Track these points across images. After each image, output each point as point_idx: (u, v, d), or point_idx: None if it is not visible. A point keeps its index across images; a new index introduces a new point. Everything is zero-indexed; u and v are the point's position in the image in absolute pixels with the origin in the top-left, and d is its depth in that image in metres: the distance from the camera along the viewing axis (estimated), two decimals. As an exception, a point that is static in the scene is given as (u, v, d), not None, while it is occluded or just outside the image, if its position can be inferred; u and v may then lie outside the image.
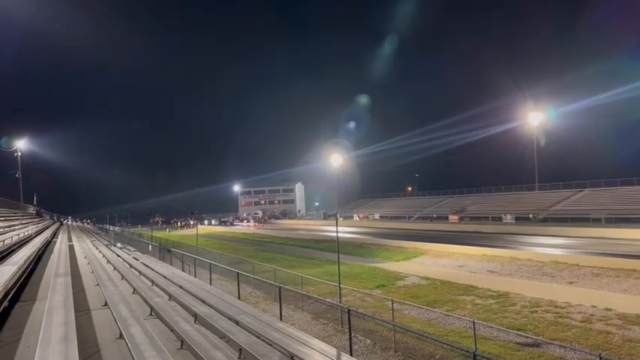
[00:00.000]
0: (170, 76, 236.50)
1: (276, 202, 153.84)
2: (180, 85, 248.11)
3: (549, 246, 38.99)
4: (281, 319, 16.34)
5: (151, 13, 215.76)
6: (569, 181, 68.70)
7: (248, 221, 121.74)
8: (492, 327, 17.39)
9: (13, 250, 19.13)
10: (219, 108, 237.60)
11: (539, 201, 67.80)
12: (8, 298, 10.73)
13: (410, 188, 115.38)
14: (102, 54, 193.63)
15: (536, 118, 74.59)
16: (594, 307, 20.25)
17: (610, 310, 19.65)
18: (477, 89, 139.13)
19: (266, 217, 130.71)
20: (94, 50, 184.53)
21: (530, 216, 62.42)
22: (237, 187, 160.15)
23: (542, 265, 29.96)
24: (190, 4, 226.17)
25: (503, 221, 64.33)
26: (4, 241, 18.88)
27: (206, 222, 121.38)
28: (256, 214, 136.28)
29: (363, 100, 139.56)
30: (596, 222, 52.01)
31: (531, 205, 67.09)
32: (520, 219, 62.72)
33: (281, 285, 19.40)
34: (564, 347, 15.06)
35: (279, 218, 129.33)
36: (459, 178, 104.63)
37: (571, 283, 25.77)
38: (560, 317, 19.28)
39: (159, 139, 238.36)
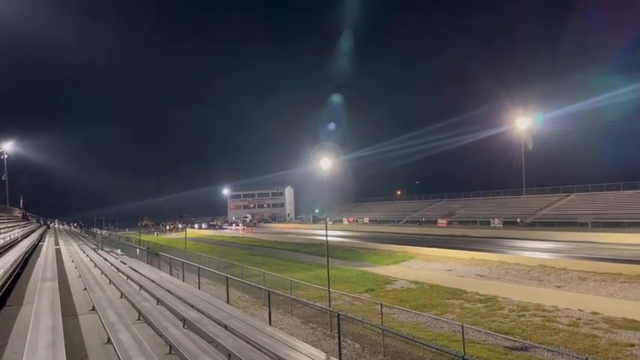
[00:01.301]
0: (160, 79, 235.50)
1: (265, 205, 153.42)
2: (170, 89, 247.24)
3: (537, 250, 39.30)
4: (270, 324, 16.31)
5: (139, 16, 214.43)
6: (556, 185, 69.34)
7: (237, 225, 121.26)
8: (481, 331, 17.51)
9: (-1, 253, 18.91)
10: (209, 111, 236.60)
11: (526, 205, 68.34)
12: (-6, 303, 10.61)
13: (399, 192, 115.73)
14: (90, 56, 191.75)
15: (523, 122, 75.27)
16: (581, 310, 20.45)
17: (597, 313, 19.87)
18: (465, 94, 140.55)
19: (255, 221, 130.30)
20: (82, 52, 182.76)
21: (518, 220, 62.91)
22: (226, 191, 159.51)
23: (530, 269, 30.20)
24: (178, 10, 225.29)
25: (492, 225, 64.74)
26: (-11, 244, 18.65)
27: (196, 225, 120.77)
28: (245, 217, 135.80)
29: (352, 104, 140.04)
30: (583, 226, 52.53)
31: (519, 209, 67.61)
32: (508, 223, 63.19)
33: (270, 289, 19.35)
34: (552, 351, 15.22)
35: (269, 222, 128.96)
36: (448, 182, 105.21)
37: (558, 287, 26.01)
38: (547, 321, 19.45)
39: (147, 142, 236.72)
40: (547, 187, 70.70)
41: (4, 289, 12.45)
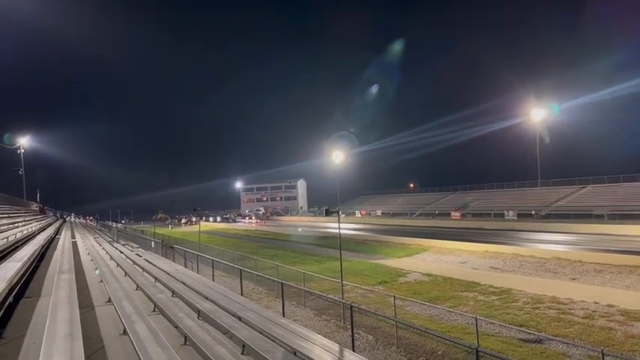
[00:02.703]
0: (173, 73, 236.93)
1: (278, 198, 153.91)
2: (184, 82, 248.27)
3: (552, 242, 38.93)
4: (283, 316, 16.41)
5: (154, 13, 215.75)
6: (572, 177, 68.44)
7: (250, 218, 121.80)
8: (495, 323, 17.45)
9: (17, 246, 19.22)
10: (223, 104, 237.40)
11: (541, 197, 67.63)
12: (13, 294, 10.79)
13: (412, 185, 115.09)
14: (105, 51, 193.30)
15: (538, 113, 74.34)
16: (597, 303, 20.27)
17: (612, 306, 19.67)
18: (479, 85, 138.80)
19: (268, 214, 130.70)
20: (97, 47, 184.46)
21: (533, 212, 62.28)
22: (239, 184, 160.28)
23: (545, 261, 29.96)
24: (191, 4, 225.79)
25: (506, 218, 64.18)
26: (7, 237, 18.95)
27: (211, 219, 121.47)
28: (258, 210, 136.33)
29: (367, 96, 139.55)
30: (599, 218, 51.84)
31: (534, 201, 66.94)
32: (522, 215, 62.56)
33: (283, 281, 19.46)
34: (567, 343, 15.11)
35: (281, 215, 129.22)
36: (462, 174, 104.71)
37: (573, 279, 25.77)
38: (562, 313, 19.31)
39: (162, 135, 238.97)
40: (562, 179, 69.80)
41: (22, 282, 12.67)
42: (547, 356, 14.56)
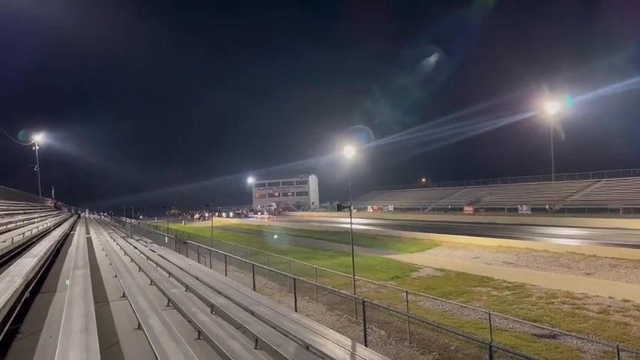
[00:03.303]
0: (186, 68, 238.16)
1: (289, 194, 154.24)
2: (196, 78, 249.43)
3: (566, 237, 38.58)
4: (296, 310, 16.46)
5: (165, 9, 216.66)
6: (586, 171, 67.70)
7: (262, 213, 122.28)
8: (508, 318, 17.34)
9: (33, 242, 19.49)
10: (235, 100, 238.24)
11: (555, 191, 67.02)
12: (29, 290, 10.95)
13: (424, 179, 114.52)
14: (118, 48, 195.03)
15: (552, 106, 73.52)
16: (612, 298, 20.06)
17: (628, 301, 19.45)
18: (492, 78, 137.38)
19: (280, 210, 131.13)
20: (109, 45, 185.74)
21: (547, 207, 61.74)
22: (251, 180, 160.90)
23: (559, 256, 29.69)
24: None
25: (519, 212, 63.72)
26: (23, 234, 19.21)
27: (224, 214, 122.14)
28: (270, 206, 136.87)
29: (379, 91, 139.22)
30: (613, 212, 51.25)
31: (548, 195, 66.36)
32: (536, 210, 62.07)
33: (295, 277, 19.50)
34: (581, 339, 14.97)
35: (293, 210, 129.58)
36: (474, 169, 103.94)
37: (588, 274, 25.52)
38: (576, 308, 19.14)
39: (174, 132, 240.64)
40: (577, 173, 69.08)
41: (38, 277, 12.85)
42: (561, 351, 14.44)
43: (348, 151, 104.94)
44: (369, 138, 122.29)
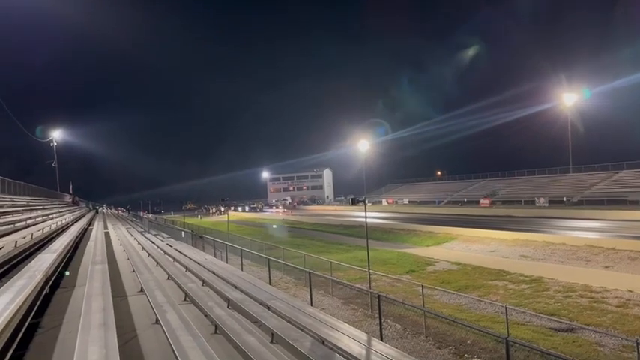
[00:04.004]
0: (201, 63, 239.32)
1: (304, 188, 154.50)
2: (212, 73, 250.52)
3: (584, 229, 38.10)
4: (311, 304, 16.52)
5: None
6: (605, 162, 66.67)
7: (277, 207, 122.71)
8: (525, 312, 17.24)
9: (52, 238, 19.79)
10: (249, 94, 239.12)
11: (573, 183, 66.17)
12: (49, 285, 11.13)
13: (440, 172, 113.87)
14: (133, 43, 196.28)
15: (570, 98, 72.44)
16: (631, 291, 19.78)
17: (648, 294, 19.18)
18: (510, 70, 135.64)
19: (294, 204, 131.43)
20: (126, 40, 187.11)
21: (565, 199, 60.97)
22: (265, 174, 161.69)
23: (577, 249, 29.33)
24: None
25: (537, 205, 63.07)
26: (43, 229, 19.52)
27: (239, 209, 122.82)
28: (285, 200, 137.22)
29: (393, 84, 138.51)
30: (633, 204, 50.36)
31: (565, 187, 65.53)
32: (554, 202, 61.34)
33: (311, 271, 19.57)
34: (600, 332, 14.82)
35: (308, 204, 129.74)
36: (491, 161, 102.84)
37: (606, 267, 25.19)
38: (595, 302, 18.93)
39: (189, 126, 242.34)
40: (595, 165, 68.09)
41: (57, 272, 13.05)
42: (579, 345, 14.32)
43: (363, 145, 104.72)
44: (385, 131, 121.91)
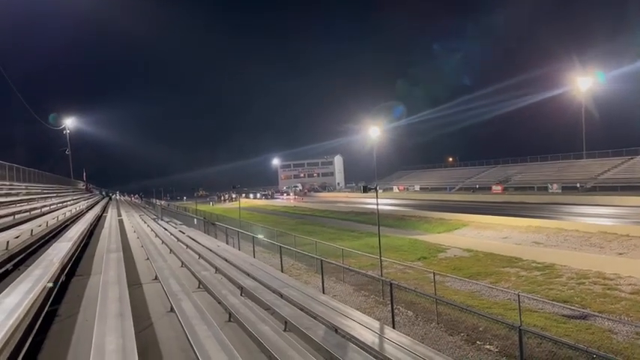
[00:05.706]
0: (212, 52, 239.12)
1: (315, 175, 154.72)
2: (222, 61, 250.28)
3: (597, 216, 37.73)
4: (323, 292, 16.60)
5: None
6: (619, 148, 65.70)
7: (288, 194, 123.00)
8: (537, 299, 17.19)
9: (67, 225, 20.01)
10: (261, 82, 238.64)
11: (587, 169, 65.39)
12: (65, 273, 11.30)
13: (451, 159, 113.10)
14: (147, 34, 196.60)
15: (584, 83, 71.32)
16: (645, 279, 19.62)
17: (662, 282, 19.02)
18: (522, 54, 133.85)
19: (305, 191, 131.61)
20: (139, 30, 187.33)
21: (578, 185, 60.31)
22: (276, 161, 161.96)
23: (590, 235, 29.08)
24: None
25: (550, 191, 62.52)
26: (57, 217, 19.72)
27: (251, 195, 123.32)
28: (296, 187, 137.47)
29: (405, 69, 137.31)
30: (648, 190, 49.77)
31: (579, 173, 64.80)
32: (567, 188, 60.72)
33: (322, 258, 19.64)
34: (613, 320, 14.75)
35: (319, 191, 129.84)
36: (503, 147, 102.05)
37: (620, 254, 24.97)
38: (608, 289, 18.82)
39: (202, 114, 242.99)
40: (609, 150, 67.09)
41: (73, 260, 13.24)
42: (592, 332, 14.27)
43: (374, 132, 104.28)
44: (396, 117, 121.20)
